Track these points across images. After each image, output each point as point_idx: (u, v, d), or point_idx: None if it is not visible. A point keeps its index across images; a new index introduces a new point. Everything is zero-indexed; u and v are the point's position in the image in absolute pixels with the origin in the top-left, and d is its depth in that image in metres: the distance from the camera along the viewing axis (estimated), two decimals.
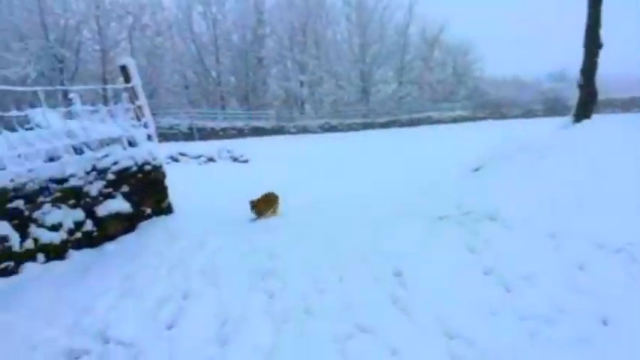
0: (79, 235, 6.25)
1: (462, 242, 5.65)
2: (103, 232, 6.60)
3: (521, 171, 7.29)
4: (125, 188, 7.06)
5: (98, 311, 4.49)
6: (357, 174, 13.65)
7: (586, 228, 5.19)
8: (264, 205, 8.27)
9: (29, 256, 5.59)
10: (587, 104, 9.52)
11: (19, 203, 5.53)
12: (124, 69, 7.92)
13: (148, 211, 7.56)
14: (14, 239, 5.38)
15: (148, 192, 7.54)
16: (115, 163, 6.90)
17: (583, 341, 3.55)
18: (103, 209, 6.62)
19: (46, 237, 5.79)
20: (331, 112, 40.26)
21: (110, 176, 6.81)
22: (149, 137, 8.01)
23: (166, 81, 37.63)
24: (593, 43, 9.28)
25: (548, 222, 5.51)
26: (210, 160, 19.93)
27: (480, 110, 43.11)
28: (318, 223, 7.32)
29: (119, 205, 6.86)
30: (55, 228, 5.92)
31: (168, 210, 8.02)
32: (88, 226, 6.40)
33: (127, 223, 7.02)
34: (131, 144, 7.36)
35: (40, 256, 5.71)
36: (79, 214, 6.29)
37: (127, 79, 7.90)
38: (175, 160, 18.84)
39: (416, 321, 4.06)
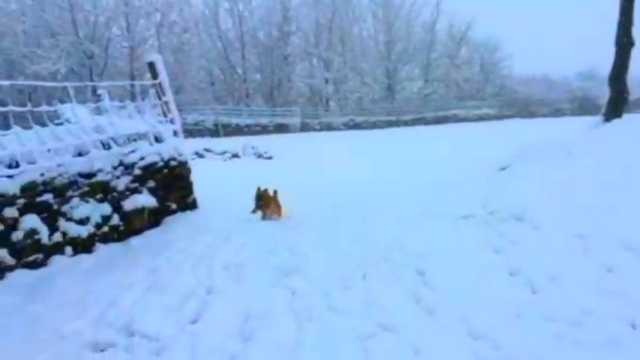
0: (105, 229, 6.34)
1: (487, 242, 5.59)
2: (129, 226, 6.69)
3: (550, 170, 7.18)
4: (151, 183, 7.14)
5: (124, 305, 4.55)
6: (380, 172, 13.61)
7: (615, 229, 5.09)
8: (274, 204, 8.09)
9: (58, 249, 5.69)
10: (618, 103, 9.35)
11: (49, 197, 5.63)
12: (151, 65, 8.02)
13: (173, 206, 7.64)
14: (43, 232, 5.48)
15: (173, 187, 7.62)
16: (142, 159, 6.99)
17: (611, 345, 3.48)
18: (130, 204, 6.71)
19: (74, 230, 5.89)
20: (356, 110, 40.11)
21: (137, 171, 6.90)
22: (175, 133, 8.10)
23: (192, 77, 37.94)
24: (625, 42, 9.10)
25: (577, 223, 5.42)
26: (235, 156, 20.07)
27: (507, 109, 42.48)
28: (341, 221, 7.32)
29: (145, 199, 6.94)
30: (82, 222, 6.02)
31: (193, 205, 8.10)
32: (115, 220, 6.49)
33: (152, 218, 7.10)
34: (157, 140, 7.45)
35: (68, 249, 5.81)
36: (106, 208, 6.38)
37: (155, 76, 8.00)
38: (200, 156, 19.01)
39: (439, 321, 4.03)
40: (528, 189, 6.74)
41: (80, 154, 6.13)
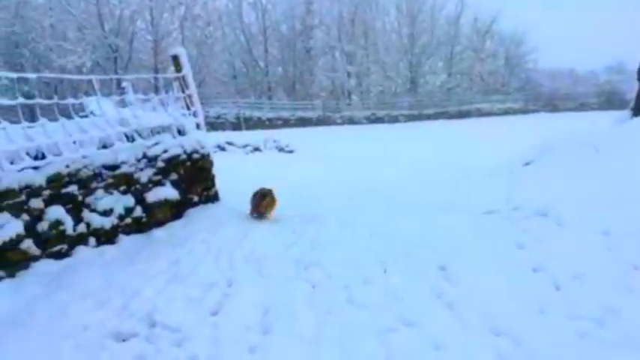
0: (128, 220, 6.41)
1: (510, 238, 5.54)
2: (152, 218, 6.76)
3: (575, 166, 7.07)
4: (174, 176, 7.20)
5: (146, 295, 4.60)
6: (402, 166, 13.54)
7: None
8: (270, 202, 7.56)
9: (81, 239, 5.77)
10: None
11: (74, 188, 5.70)
12: (175, 58, 8.07)
13: (195, 198, 7.70)
14: (68, 223, 5.56)
15: (195, 180, 7.67)
16: (165, 151, 7.05)
17: (635, 344, 3.43)
18: (153, 196, 6.77)
19: (98, 222, 5.96)
20: (378, 104, 39.91)
21: (160, 164, 6.95)
22: (198, 126, 8.15)
23: (215, 71, 38.16)
24: None
25: (603, 219, 5.33)
26: (257, 149, 20.17)
27: (532, 103, 41.77)
28: (362, 215, 7.30)
29: (168, 192, 7.00)
30: (106, 213, 6.10)
31: (214, 198, 8.15)
32: (138, 212, 6.56)
33: (174, 210, 7.16)
34: (180, 132, 7.50)
35: (92, 240, 5.89)
36: (129, 200, 6.45)
37: (178, 69, 8.05)
38: (222, 149, 19.13)
39: (461, 316, 4.00)
40: (553, 184, 6.65)
41: (105, 147, 6.20)
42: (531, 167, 8.22)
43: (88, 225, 5.86)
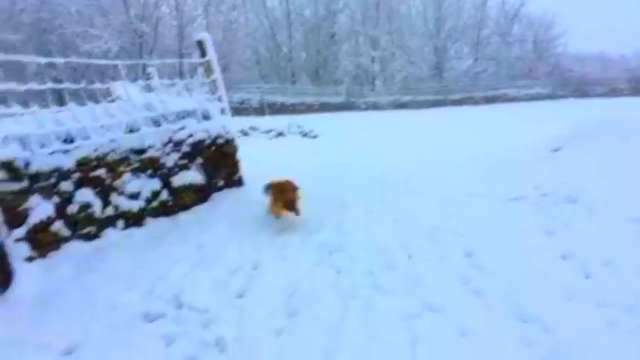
0: (155, 204, 6.50)
1: (538, 224, 5.49)
2: (178, 202, 6.83)
3: (605, 152, 6.94)
4: (199, 160, 7.26)
5: (173, 278, 4.68)
6: (427, 151, 13.42)
7: None
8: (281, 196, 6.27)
9: (110, 222, 5.88)
10: None
11: (102, 172, 5.80)
12: (200, 44, 8.09)
13: (220, 182, 7.75)
14: (97, 206, 5.67)
15: (220, 164, 7.72)
16: (190, 136, 7.10)
17: None
18: (179, 180, 6.84)
19: (126, 205, 6.06)
20: (402, 89, 39.52)
21: (185, 148, 7.01)
22: (222, 111, 8.18)
23: (239, 56, 38.12)
24: None
25: (633, 206, 5.24)
26: (280, 134, 20.18)
27: (561, 88, 40.86)
28: (387, 200, 7.28)
29: (193, 176, 7.07)
30: (133, 196, 6.19)
31: (239, 182, 8.19)
32: (164, 195, 6.64)
33: (200, 194, 7.23)
34: (205, 117, 7.54)
35: (120, 223, 6.00)
36: (156, 183, 6.53)
37: (203, 54, 8.07)
38: (246, 134, 19.19)
39: (487, 302, 3.98)
40: (583, 171, 6.55)
41: (131, 131, 6.28)
42: (560, 153, 8.08)
43: (116, 208, 5.96)
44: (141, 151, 6.36)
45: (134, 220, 6.17)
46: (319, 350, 3.45)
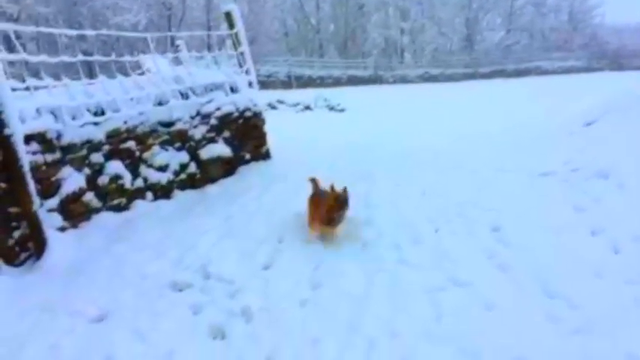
0: (183, 176, 6.58)
1: (567, 200, 5.40)
2: (206, 174, 6.91)
3: (639, 127, 6.76)
4: (226, 133, 7.30)
5: (201, 248, 4.75)
6: (456, 125, 13.24)
7: None
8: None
9: (139, 194, 5.99)
10: None
11: (131, 144, 5.88)
12: (228, 15, 8.07)
13: (247, 156, 7.80)
14: (126, 178, 5.76)
15: (247, 137, 7.76)
16: (218, 109, 7.14)
17: None
18: (206, 153, 6.90)
19: (155, 177, 6.16)
20: (431, 62, 38.94)
21: (213, 121, 7.06)
22: (250, 84, 8.19)
23: (266, 28, 37.94)
24: None
25: None
26: (307, 108, 20.15)
27: (597, 61, 39.59)
28: (414, 174, 7.24)
29: (221, 149, 7.12)
30: (162, 169, 6.28)
31: (266, 155, 8.24)
32: (192, 168, 6.71)
33: (227, 167, 7.29)
34: (233, 90, 7.56)
35: (149, 195, 6.10)
36: (184, 156, 6.60)
37: (231, 26, 8.06)
38: (273, 107, 19.21)
39: (513, 277, 3.95)
40: (616, 145, 6.39)
41: (160, 104, 6.33)
42: (592, 127, 7.89)
43: (145, 180, 6.06)
44: (169, 124, 6.42)
45: (163, 192, 6.27)
46: (343, 321, 3.48)
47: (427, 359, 3.05)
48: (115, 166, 5.64)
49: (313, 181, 5.46)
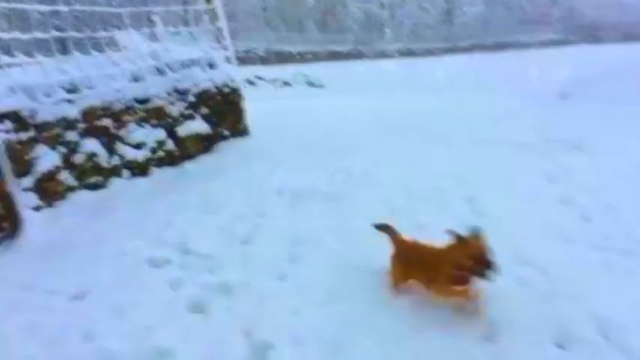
0: (160, 153, 6.55)
1: (541, 171, 5.53)
2: (183, 151, 6.88)
3: (614, 98, 6.89)
4: (204, 110, 7.26)
5: (179, 225, 4.77)
6: (435, 99, 13.29)
7: None
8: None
9: (116, 171, 5.96)
10: None
11: (107, 121, 5.83)
12: None
13: (226, 132, 7.77)
14: (102, 156, 5.73)
15: (225, 114, 7.72)
16: (196, 85, 7.08)
17: None
18: (184, 129, 6.87)
19: (131, 154, 6.12)
20: (411, 36, 38.84)
21: (190, 97, 7.01)
22: (228, 60, 8.12)
23: (245, 3, 37.46)
24: None
25: (637, 152, 5.26)
26: (286, 84, 20.06)
27: (574, 34, 39.84)
28: (394, 149, 7.27)
29: (199, 125, 7.09)
30: (139, 146, 6.24)
31: (244, 132, 8.20)
32: (169, 145, 6.68)
33: (205, 144, 7.26)
34: (211, 66, 7.49)
35: (126, 173, 6.07)
36: (161, 133, 6.56)
37: (208, 1, 7.95)
38: (251, 83, 19.08)
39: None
40: (590, 117, 6.54)
41: (136, 80, 6.27)
42: (568, 100, 8.03)
43: (121, 157, 6.02)
44: (146, 101, 6.37)
45: (140, 169, 6.24)
46: (323, 292, 3.54)
47: None
48: (91, 144, 5.60)
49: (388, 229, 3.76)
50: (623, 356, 2.70)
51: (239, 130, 8.07)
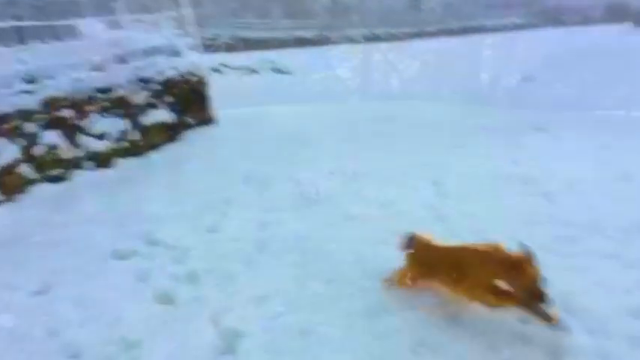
0: (125, 144, 6.45)
1: (505, 153, 5.68)
2: (148, 141, 6.79)
3: (577, 79, 7.08)
4: (169, 98, 7.16)
5: (144, 216, 4.72)
6: (398, 84, 13.37)
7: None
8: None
9: (78, 163, 5.85)
10: None
11: (68, 112, 5.71)
12: None
13: (191, 121, 7.69)
14: (63, 147, 5.62)
15: (191, 102, 7.63)
16: (160, 73, 6.98)
17: (621, 249, 3.60)
18: (148, 119, 6.77)
19: (94, 145, 6.01)
20: (377, 21, 38.80)
21: (154, 86, 6.90)
22: (193, 47, 8.02)
23: None
24: None
25: (600, 133, 5.42)
26: (253, 71, 19.86)
27: (537, 17, 40.38)
28: (360, 134, 7.32)
29: (163, 114, 7.00)
30: (101, 137, 6.13)
31: (210, 120, 8.13)
32: (134, 135, 6.58)
33: (170, 133, 7.18)
34: (175, 54, 7.39)
35: (89, 164, 5.96)
36: (124, 123, 6.46)
37: None
38: (217, 71, 18.81)
39: (450, 227, 4.08)
40: (553, 98, 6.70)
41: (98, 69, 6.15)
42: (530, 82, 8.21)
43: (84, 149, 5.91)
44: (108, 90, 6.25)
45: (103, 160, 6.14)
46: (290, 279, 3.56)
47: None
48: (52, 136, 5.48)
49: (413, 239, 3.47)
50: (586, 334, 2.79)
51: (205, 118, 8.00)
